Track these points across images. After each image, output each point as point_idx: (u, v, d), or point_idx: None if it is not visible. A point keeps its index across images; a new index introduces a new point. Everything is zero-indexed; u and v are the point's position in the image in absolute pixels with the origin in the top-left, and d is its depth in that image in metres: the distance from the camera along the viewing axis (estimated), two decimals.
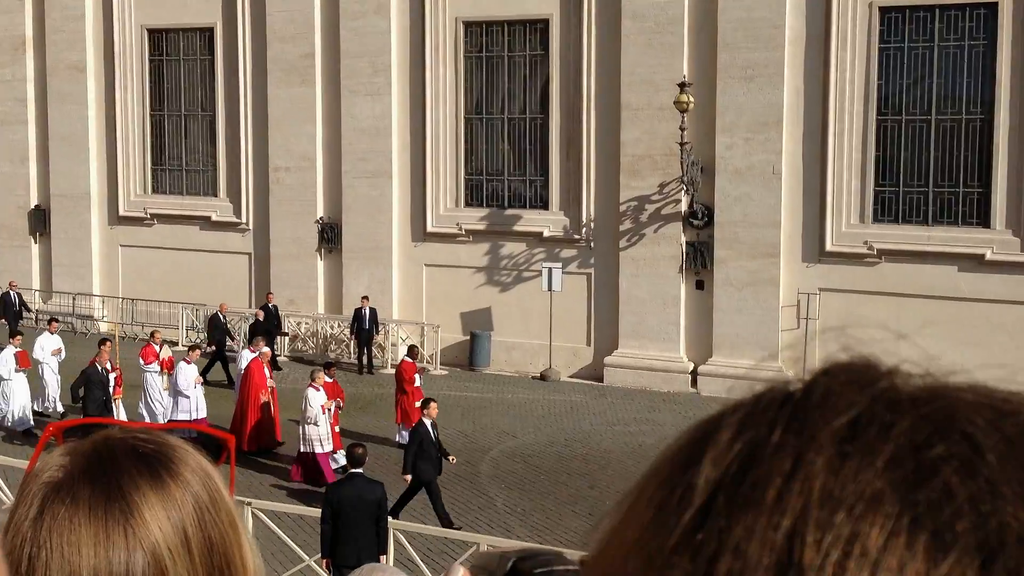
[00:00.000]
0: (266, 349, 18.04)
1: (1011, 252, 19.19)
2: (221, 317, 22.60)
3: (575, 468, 16.41)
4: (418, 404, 17.03)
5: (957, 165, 19.77)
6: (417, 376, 17.48)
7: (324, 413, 15.29)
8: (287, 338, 24.15)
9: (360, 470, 10.99)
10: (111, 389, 16.67)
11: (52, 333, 19.32)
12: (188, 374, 17.07)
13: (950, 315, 19.64)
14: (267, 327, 22.19)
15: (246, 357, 18.07)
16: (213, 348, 21.90)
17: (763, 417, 0.53)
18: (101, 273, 28.16)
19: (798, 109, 20.63)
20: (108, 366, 16.66)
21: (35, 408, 18.26)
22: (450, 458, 13.96)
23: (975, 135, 19.59)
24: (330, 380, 16.09)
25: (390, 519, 10.99)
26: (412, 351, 18.22)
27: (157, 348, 18.32)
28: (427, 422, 13.75)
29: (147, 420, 17.67)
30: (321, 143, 25.34)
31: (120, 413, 16.85)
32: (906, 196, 20.24)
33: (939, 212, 19.97)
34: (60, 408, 18.55)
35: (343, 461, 15.84)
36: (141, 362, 18.00)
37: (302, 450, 15.27)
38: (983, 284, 19.38)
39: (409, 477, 13.47)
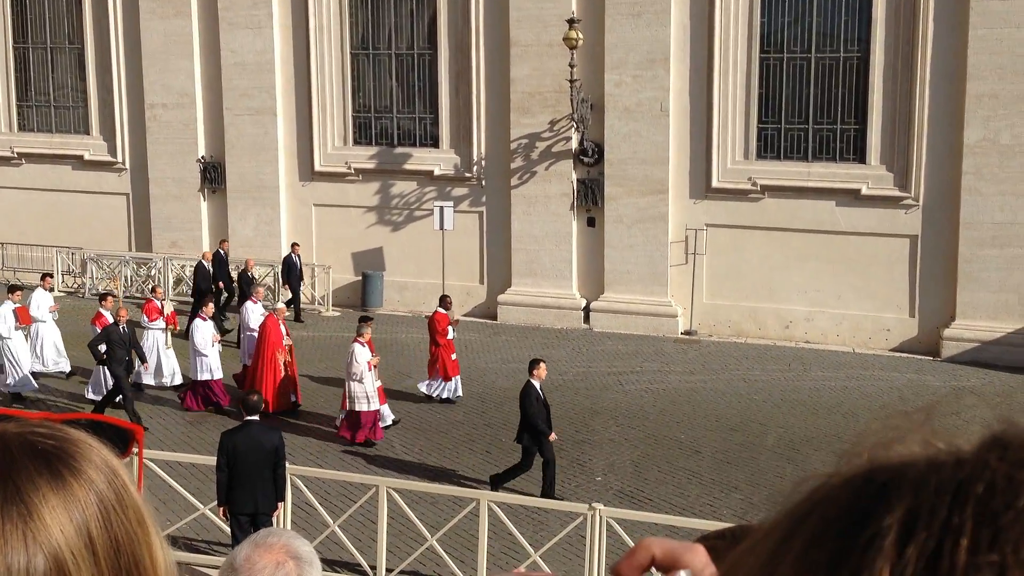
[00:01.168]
0: (281, 305, 17.06)
1: (885, 187, 20.00)
2: (205, 265, 21.44)
3: (470, 407, 16.54)
4: (461, 357, 16.74)
5: (835, 102, 20.38)
6: (450, 327, 16.59)
7: (371, 370, 14.57)
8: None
9: (256, 417, 10.79)
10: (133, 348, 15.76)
11: (47, 289, 18.10)
12: (205, 332, 15.98)
13: (829, 248, 20.44)
14: (220, 277, 21.37)
15: (251, 309, 17.15)
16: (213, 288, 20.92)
17: (937, 516, 0.42)
18: None
19: (685, 46, 20.84)
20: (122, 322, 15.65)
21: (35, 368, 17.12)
22: (552, 436, 12.92)
23: (852, 73, 20.19)
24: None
25: (285, 468, 10.86)
26: (444, 301, 17.15)
27: (159, 304, 17.40)
28: (536, 384, 12.76)
29: (154, 381, 16.82)
30: (200, 78, 24.34)
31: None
32: (787, 133, 20.78)
33: (818, 148, 20.60)
34: (67, 367, 17.45)
35: (392, 417, 15.29)
36: (144, 319, 16.99)
37: (348, 408, 14.58)
38: (859, 218, 20.18)
39: (554, 435, 12.65)
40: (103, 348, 15.27)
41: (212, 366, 15.88)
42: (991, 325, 19.27)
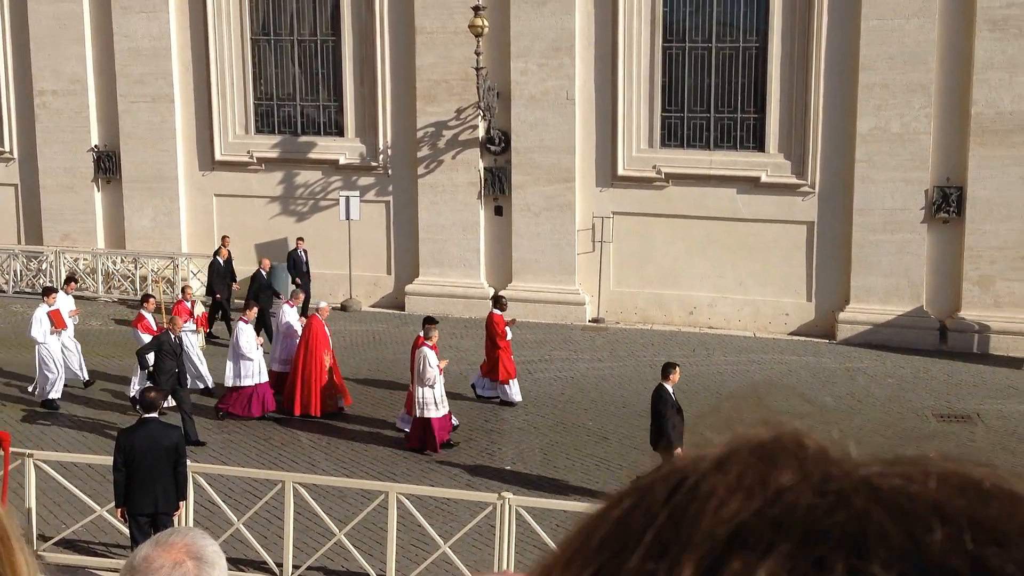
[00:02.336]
0: (324, 305, 16.23)
1: (783, 175, 20.53)
2: (220, 263, 20.34)
3: (379, 398, 16.38)
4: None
5: (735, 91, 20.80)
6: (508, 329, 16.09)
7: (440, 374, 14.10)
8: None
9: (154, 414, 10.46)
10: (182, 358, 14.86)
11: (68, 293, 17.09)
12: (249, 335, 15.19)
13: (730, 235, 20.89)
14: (227, 274, 20.36)
15: (287, 312, 16.43)
16: (216, 296, 19.78)
17: (645, 511, 0.45)
18: None
19: (589, 35, 20.97)
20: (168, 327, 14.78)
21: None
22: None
23: (751, 63, 20.63)
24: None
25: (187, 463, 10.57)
26: (500, 302, 16.52)
27: (189, 305, 16.59)
28: (669, 388, 12.52)
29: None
30: (92, 64, 23.45)
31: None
32: (690, 121, 21.13)
33: (720, 137, 21.01)
34: (86, 375, 16.43)
35: (454, 421, 14.74)
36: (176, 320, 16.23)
37: (417, 415, 14.04)
38: (759, 205, 20.67)
39: (680, 450, 12.39)
40: (151, 358, 14.36)
41: (255, 370, 15.24)
42: (883, 308, 19.99)
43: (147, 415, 10.42)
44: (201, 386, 16.23)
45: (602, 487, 13.11)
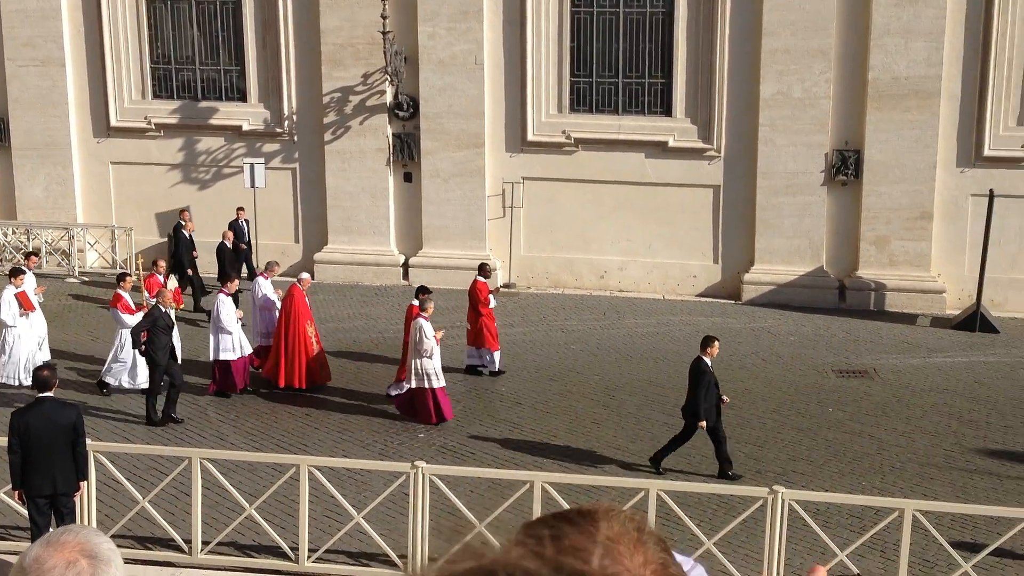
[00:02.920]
0: (306, 276, 15.61)
1: (690, 139, 20.79)
2: (187, 236, 19.30)
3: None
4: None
5: (643, 57, 20.92)
6: (491, 296, 15.82)
7: (437, 344, 13.73)
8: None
9: (50, 393, 10.06)
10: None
11: (30, 269, 16.17)
12: (229, 308, 14.67)
13: (639, 199, 21.11)
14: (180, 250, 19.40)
15: (261, 284, 15.84)
16: (189, 271, 18.94)
17: None
18: None
19: None
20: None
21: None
22: (724, 399, 12.42)
23: (658, 28, 20.76)
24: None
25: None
26: (484, 269, 16.27)
27: (162, 279, 15.80)
28: (708, 361, 12.28)
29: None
30: None
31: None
32: (599, 87, 21.20)
33: (628, 102, 21.13)
34: (46, 354, 15.48)
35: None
36: (146, 295, 15.34)
37: (415, 386, 13.76)
38: (666, 169, 20.92)
39: (704, 424, 12.11)
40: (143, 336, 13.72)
41: (236, 344, 14.79)
42: (786, 269, 20.53)
43: (42, 394, 10.02)
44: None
45: (514, 452, 13.20)
